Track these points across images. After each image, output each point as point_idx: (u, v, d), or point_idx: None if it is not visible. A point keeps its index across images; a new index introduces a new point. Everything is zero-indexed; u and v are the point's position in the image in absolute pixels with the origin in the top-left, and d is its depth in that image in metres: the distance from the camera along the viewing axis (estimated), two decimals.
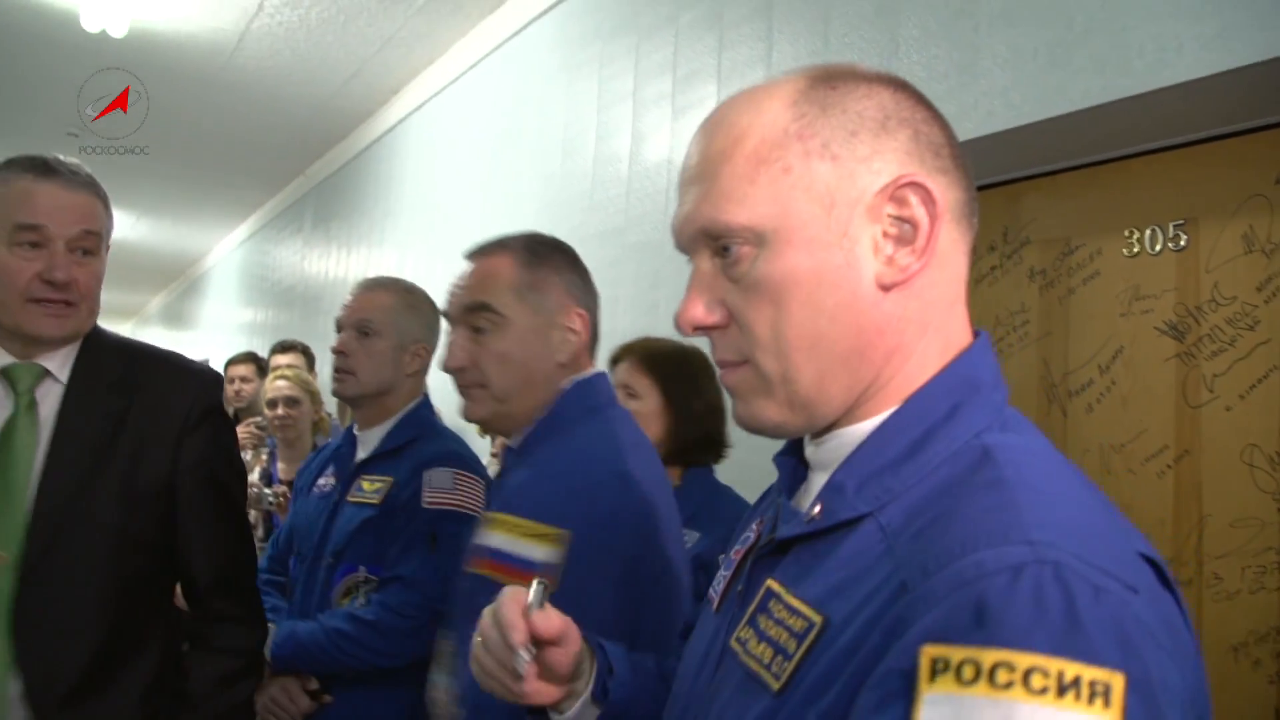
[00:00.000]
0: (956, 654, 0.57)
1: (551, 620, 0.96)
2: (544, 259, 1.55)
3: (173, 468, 1.68)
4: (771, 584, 0.77)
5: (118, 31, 4.70)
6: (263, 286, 9.34)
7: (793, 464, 0.87)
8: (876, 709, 0.61)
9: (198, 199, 9.01)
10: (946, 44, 2.10)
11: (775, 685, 0.71)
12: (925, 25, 2.16)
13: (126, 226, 9.85)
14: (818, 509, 0.77)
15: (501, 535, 1.34)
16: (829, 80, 0.79)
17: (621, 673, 1.07)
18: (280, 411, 3.63)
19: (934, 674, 0.58)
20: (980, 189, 2.30)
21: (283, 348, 4.96)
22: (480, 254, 1.57)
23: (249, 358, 5.27)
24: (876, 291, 0.76)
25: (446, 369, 1.56)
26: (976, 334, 0.82)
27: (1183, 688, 0.60)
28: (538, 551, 1.33)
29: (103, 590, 1.62)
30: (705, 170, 0.80)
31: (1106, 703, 0.55)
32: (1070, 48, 1.83)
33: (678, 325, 0.82)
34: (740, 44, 2.76)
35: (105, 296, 1.72)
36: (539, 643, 0.95)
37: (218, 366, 5.81)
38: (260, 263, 9.48)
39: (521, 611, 0.94)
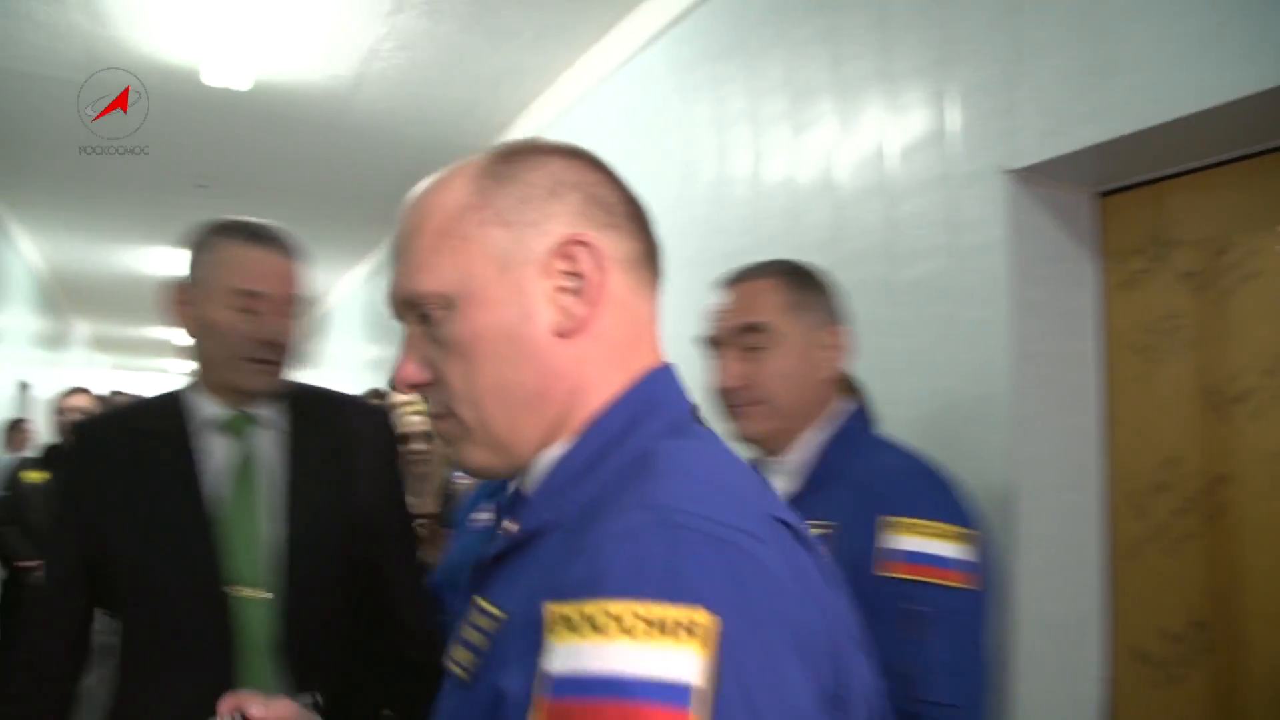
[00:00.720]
0: (569, 608, 0.66)
1: (272, 706, 1.07)
2: (805, 280, 1.63)
3: (376, 496, 1.86)
4: (476, 600, 0.86)
5: (242, 86, 4.90)
6: (384, 323, 9.58)
7: (509, 503, 0.96)
8: (518, 660, 0.70)
9: (320, 241, 9.30)
10: (1077, 45, 2.02)
11: (467, 678, 0.80)
12: (1051, 28, 2.08)
13: None
14: (512, 527, 0.87)
15: (912, 538, 1.42)
16: (508, 157, 0.89)
17: None
18: (420, 447, 3.68)
19: (554, 626, 0.67)
20: (1122, 190, 2.23)
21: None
22: (744, 278, 1.66)
23: (374, 395, 5.40)
24: (555, 339, 0.85)
25: (722, 389, 1.62)
26: (665, 366, 0.91)
27: (809, 627, 0.70)
28: (956, 550, 1.42)
29: (343, 613, 1.79)
30: (401, 246, 0.90)
31: (697, 638, 0.63)
32: (1217, 36, 1.73)
33: (394, 385, 0.91)
34: (857, 58, 2.72)
35: None
36: None
37: None
38: (381, 300, 9.70)
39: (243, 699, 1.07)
